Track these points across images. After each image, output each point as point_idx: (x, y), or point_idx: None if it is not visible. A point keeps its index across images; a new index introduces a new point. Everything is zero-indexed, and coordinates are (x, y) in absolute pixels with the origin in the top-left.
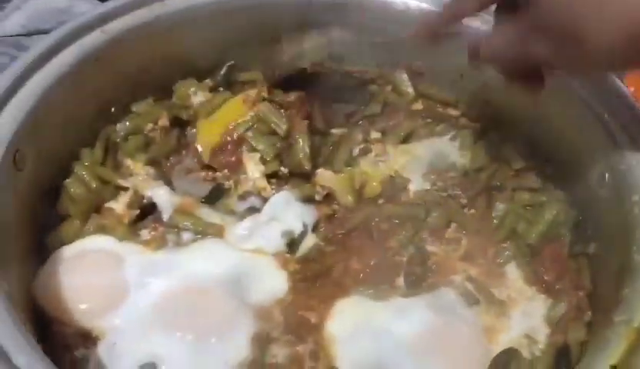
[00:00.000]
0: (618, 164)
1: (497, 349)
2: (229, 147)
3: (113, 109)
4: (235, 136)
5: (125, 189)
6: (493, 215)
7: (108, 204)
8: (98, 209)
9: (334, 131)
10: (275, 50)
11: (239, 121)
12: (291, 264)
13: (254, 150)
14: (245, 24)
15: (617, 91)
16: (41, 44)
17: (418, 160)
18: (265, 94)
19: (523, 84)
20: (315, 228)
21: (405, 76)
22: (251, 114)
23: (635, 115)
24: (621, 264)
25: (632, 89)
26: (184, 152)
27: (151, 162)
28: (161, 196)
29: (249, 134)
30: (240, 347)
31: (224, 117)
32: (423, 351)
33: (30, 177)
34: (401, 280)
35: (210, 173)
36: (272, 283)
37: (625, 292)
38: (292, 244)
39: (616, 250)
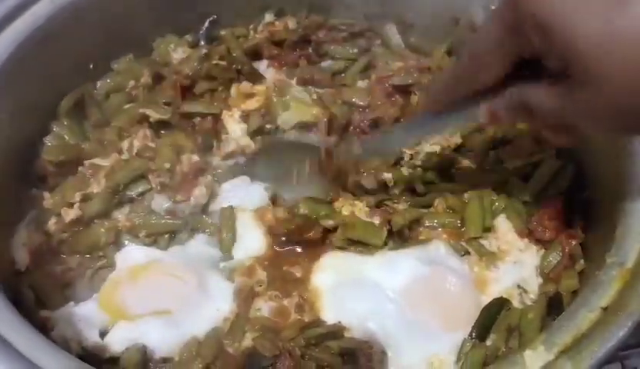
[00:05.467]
0: None
1: (488, 299)
2: None
3: (92, 65)
4: None
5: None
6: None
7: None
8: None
9: None
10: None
11: None
12: (277, 216)
13: None
14: None
15: None
16: None
17: None
18: None
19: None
20: None
21: (394, 29)
22: None
23: None
24: (614, 205)
25: None
26: None
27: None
28: None
29: None
30: (222, 303)
31: None
32: (412, 302)
33: (6, 134)
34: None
35: None
36: (253, 240)
37: (618, 232)
38: (275, 196)
39: (609, 193)
